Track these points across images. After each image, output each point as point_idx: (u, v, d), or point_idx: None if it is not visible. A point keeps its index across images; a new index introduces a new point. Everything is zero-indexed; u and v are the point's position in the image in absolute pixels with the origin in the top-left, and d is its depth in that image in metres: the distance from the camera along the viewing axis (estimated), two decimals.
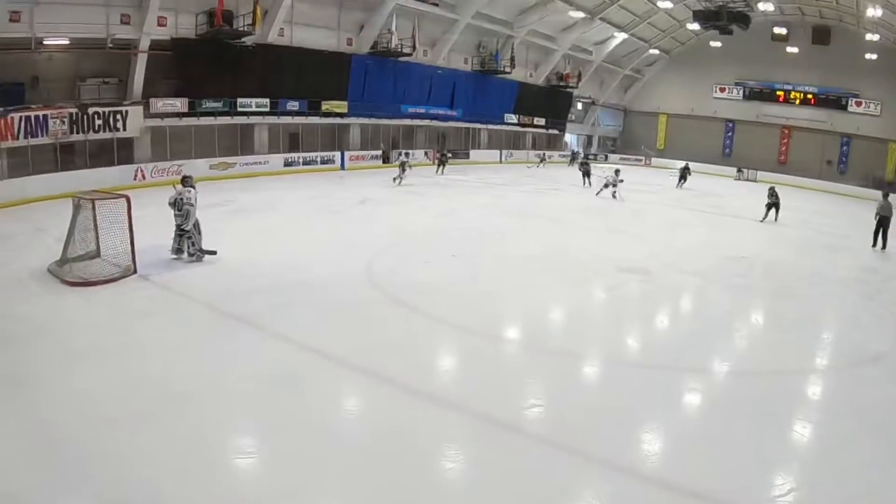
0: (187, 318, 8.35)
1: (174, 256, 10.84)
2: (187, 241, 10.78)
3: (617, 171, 24.62)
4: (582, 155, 41.05)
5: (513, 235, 14.65)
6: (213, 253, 10.95)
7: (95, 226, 10.46)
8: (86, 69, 23.10)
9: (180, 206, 10.71)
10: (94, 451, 5.25)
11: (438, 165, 31.68)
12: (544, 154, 38.90)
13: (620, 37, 42.81)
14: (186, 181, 11.15)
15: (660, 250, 13.60)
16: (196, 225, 10.58)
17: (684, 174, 31.84)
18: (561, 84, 44.41)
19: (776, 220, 20.09)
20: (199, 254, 10.63)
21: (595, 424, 5.99)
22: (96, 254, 10.58)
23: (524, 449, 5.56)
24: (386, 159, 33.49)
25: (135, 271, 10.11)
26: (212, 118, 26.35)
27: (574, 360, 7.37)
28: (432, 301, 9.13)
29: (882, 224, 16.54)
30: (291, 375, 6.73)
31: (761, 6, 34.33)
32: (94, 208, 10.31)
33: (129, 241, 10.12)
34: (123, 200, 10.11)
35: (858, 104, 40.74)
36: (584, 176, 28.88)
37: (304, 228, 14.80)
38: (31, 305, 8.60)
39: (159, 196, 11.93)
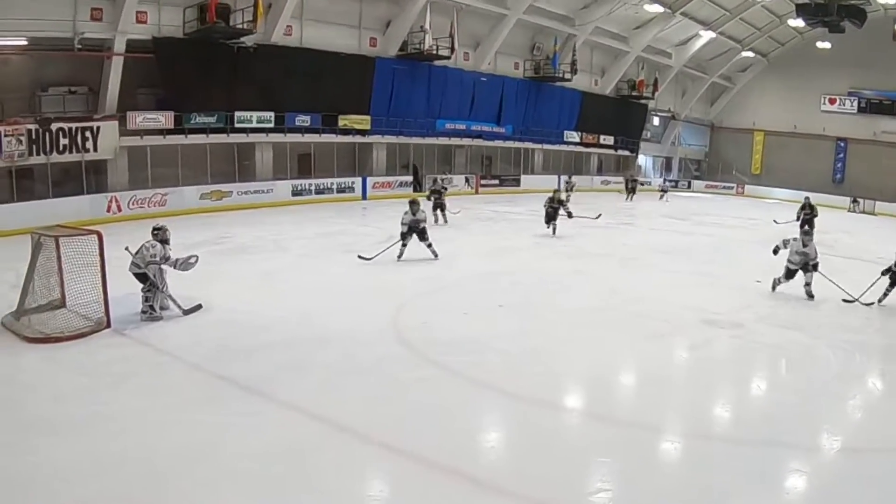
0: (172, 382, 8.36)
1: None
2: (142, 297, 10.82)
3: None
4: (662, 182, 40.26)
5: (574, 280, 14.67)
6: (197, 309, 11.00)
7: (60, 269, 10.53)
8: (48, 76, 23.20)
9: (140, 264, 10.73)
10: None
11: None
12: (570, 179, 34.32)
13: (707, 36, 42.69)
14: (156, 234, 11.16)
15: (755, 299, 13.47)
16: (154, 277, 10.61)
17: (807, 215, 23.63)
18: (633, 94, 44.70)
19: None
20: (150, 313, 10.64)
21: None
22: (61, 303, 10.64)
23: None
24: (418, 185, 33.41)
25: (108, 325, 10.13)
26: (203, 136, 26.49)
27: (650, 434, 7.32)
28: (474, 361, 9.12)
29: None
30: (298, 452, 6.71)
31: None
32: (57, 247, 10.37)
33: (101, 288, 10.09)
34: (94, 237, 10.12)
35: None
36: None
37: (316, 272, 14.81)
38: None
39: (139, 232, 12.19)
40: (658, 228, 24.77)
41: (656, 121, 50.01)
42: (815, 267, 13.67)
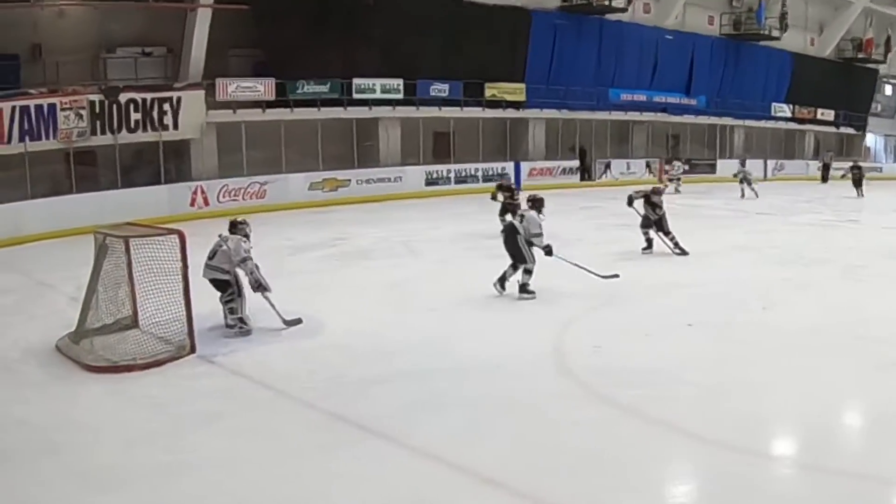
0: (274, 423, 7.74)
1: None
2: (226, 309, 10.71)
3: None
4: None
5: (783, 293, 13.44)
6: (297, 323, 10.79)
7: (131, 278, 10.26)
8: (116, 34, 22.36)
9: (228, 263, 10.64)
10: None
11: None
12: (743, 166, 28.74)
13: None
14: (238, 227, 10.91)
15: None
16: (237, 284, 10.58)
17: None
18: (859, 57, 42.06)
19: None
20: (240, 326, 10.60)
21: None
22: (132, 322, 10.40)
23: None
24: (586, 173, 31.70)
25: (192, 350, 9.69)
26: (313, 109, 24.99)
27: (881, 488, 6.50)
28: (656, 396, 8.24)
29: None
30: None
31: None
32: (128, 251, 10.04)
33: (182, 303, 9.71)
34: (175, 238, 9.73)
35: None
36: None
37: (456, 283, 13.77)
38: (31, 405, 8.23)
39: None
40: (894, 227, 22.28)
41: (889, 90, 47.07)
42: None
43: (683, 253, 15.38)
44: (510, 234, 12.73)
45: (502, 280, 12.56)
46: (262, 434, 7.56)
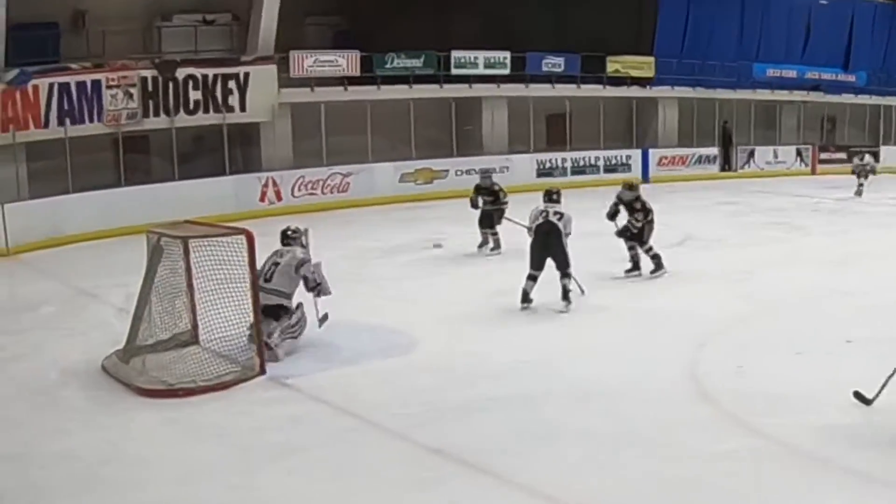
0: (360, 456, 7.34)
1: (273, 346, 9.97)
2: (277, 329, 9.92)
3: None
4: None
5: None
6: (325, 319, 10.08)
7: (190, 286, 9.66)
8: (171, 0, 21.79)
9: (288, 284, 10.10)
10: None
11: None
12: (865, 159, 26.97)
13: None
14: (293, 238, 10.36)
15: None
16: (300, 314, 10.07)
17: None
18: None
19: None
20: (290, 335, 10.00)
21: None
22: (192, 338, 9.75)
23: None
24: (726, 162, 29.86)
25: (262, 370, 9.08)
26: (404, 87, 23.50)
27: None
28: (810, 426, 7.65)
29: None
30: None
31: None
32: (186, 254, 9.47)
33: (250, 316, 9.27)
34: (242, 239, 9.17)
35: None
36: None
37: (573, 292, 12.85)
38: (73, 435, 7.67)
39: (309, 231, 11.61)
40: None
41: None
42: None
43: (658, 268, 13.39)
44: (553, 234, 12.05)
45: (526, 296, 11.93)
46: (345, 470, 7.25)
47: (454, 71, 24.17)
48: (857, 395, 8.46)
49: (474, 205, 14.87)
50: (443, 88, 24.18)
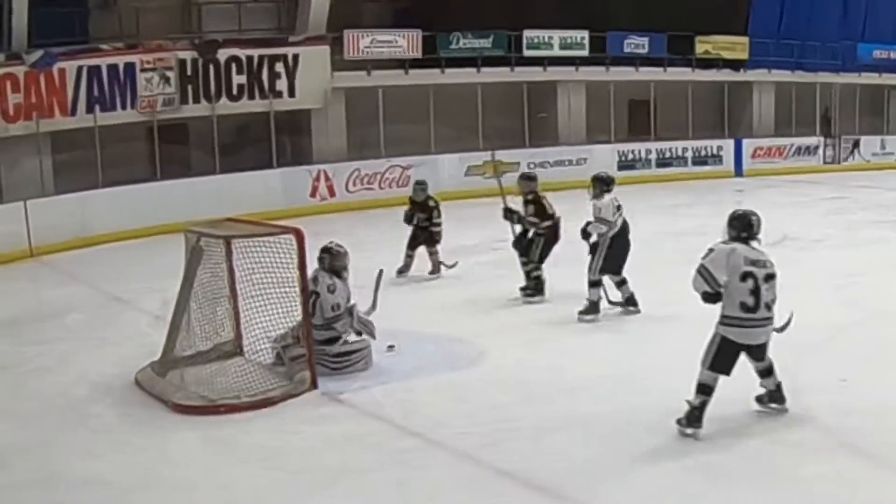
0: (423, 480, 6.88)
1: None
2: (285, 354, 9.35)
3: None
4: None
5: None
6: (390, 349, 9.78)
7: (234, 292, 9.33)
8: None
9: (324, 316, 9.44)
10: None
11: None
12: None
13: None
14: (329, 260, 9.56)
15: None
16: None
17: None
18: None
19: None
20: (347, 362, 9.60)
21: None
22: (235, 349, 9.41)
23: None
24: (832, 149, 28.19)
25: (314, 385, 8.66)
26: (471, 70, 22.60)
27: None
28: None
29: None
30: None
31: None
32: (229, 256, 9.09)
33: (302, 324, 8.95)
34: (291, 238, 8.64)
35: None
36: None
37: (657, 297, 11.18)
38: (104, 457, 7.31)
39: (366, 230, 13.65)
40: None
41: None
42: None
43: (534, 293, 11.57)
44: (629, 231, 11.39)
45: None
46: (405, 495, 6.70)
47: (526, 52, 23.20)
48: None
49: (409, 220, 13.21)
50: (514, 72, 23.26)
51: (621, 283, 10.78)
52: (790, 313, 8.17)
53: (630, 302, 10.94)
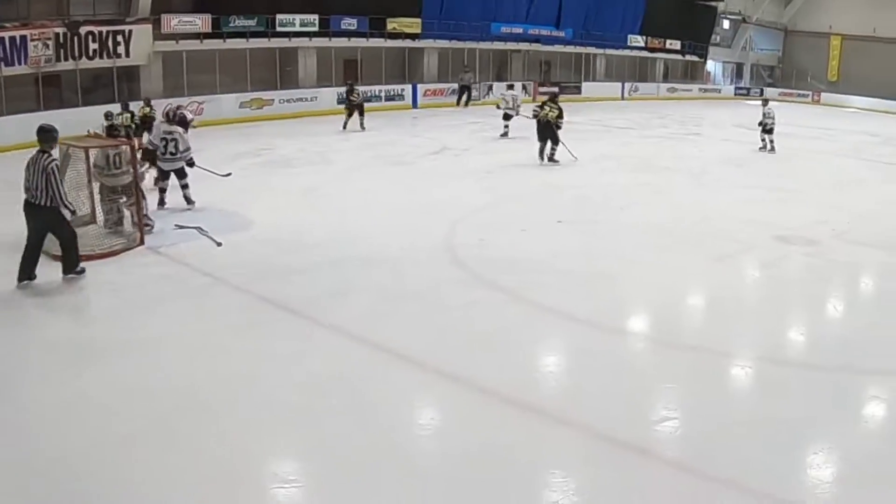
0: (213, 304, 8.24)
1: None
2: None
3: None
4: None
5: (639, 196, 14.59)
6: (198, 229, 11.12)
7: (90, 182, 10.31)
8: None
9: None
10: (100, 477, 5.17)
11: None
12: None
13: None
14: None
15: (830, 215, 13.32)
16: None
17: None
18: None
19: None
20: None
21: (746, 445, 5.69)
22: (91, 219, 10.46)
23: (653, 478, 5.37)
24: (464, 94, 31.96)
25: (141, 242, 10.09)
26: (242, 40, 26.13)
27: (719, 359, 7.22)
28: (532, 282, 9.02)
29: None
30: (347, 380, 6.59)
31: None
32: (87, 159, 10.12)
33: (134, 202, 10.13)
34: (126, 148, 10.24)
35: None
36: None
37: (363, 187, 14.86)
38: (4, 286, 8.48)
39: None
40: (730, 139, 24.46)
41: (726, 24, 48.40)
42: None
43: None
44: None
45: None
46: (203, 314, 8.05)
47: (278, 28, 26.89)
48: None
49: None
50: (270, 41, 26.88)
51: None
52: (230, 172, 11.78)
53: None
